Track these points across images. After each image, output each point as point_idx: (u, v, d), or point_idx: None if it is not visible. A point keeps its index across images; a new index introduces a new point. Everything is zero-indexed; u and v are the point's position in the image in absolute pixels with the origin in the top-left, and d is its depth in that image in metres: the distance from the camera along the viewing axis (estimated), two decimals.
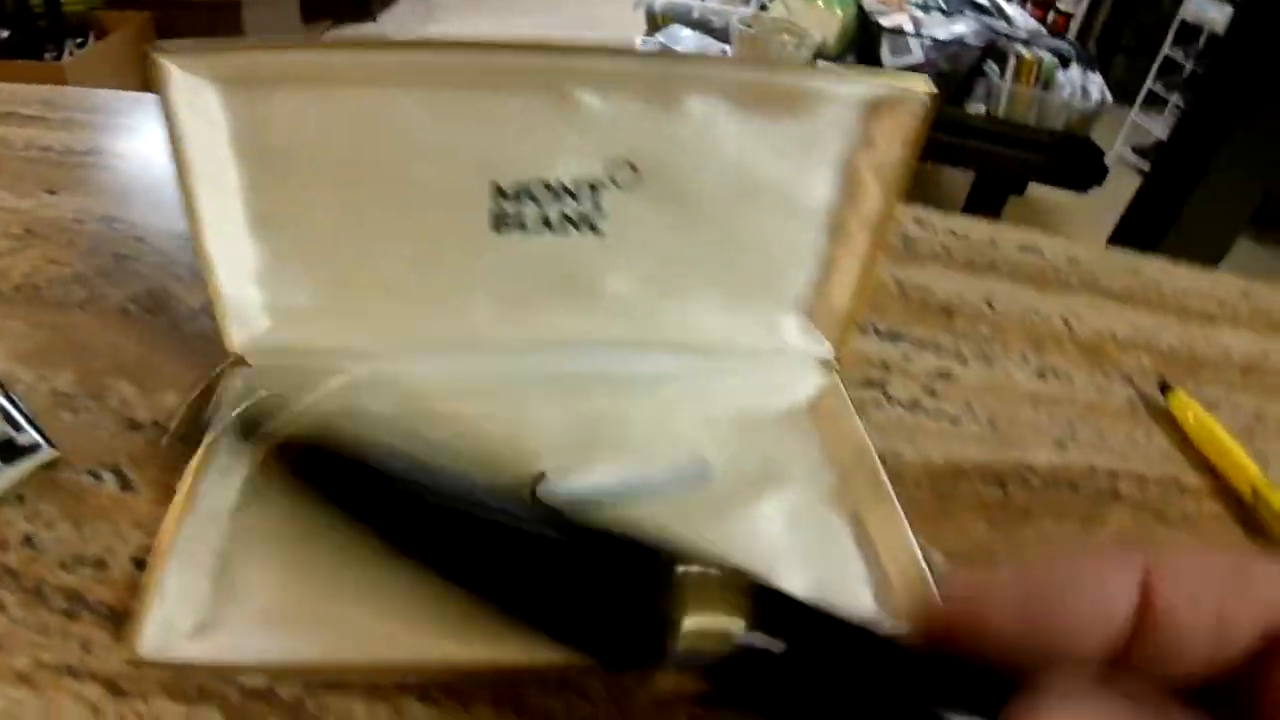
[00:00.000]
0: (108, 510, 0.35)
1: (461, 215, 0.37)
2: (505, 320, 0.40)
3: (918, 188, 0.38)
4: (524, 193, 0.37)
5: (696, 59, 0.35)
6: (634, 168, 0.37)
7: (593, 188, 0.37)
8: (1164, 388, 0.51)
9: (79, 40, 2.44)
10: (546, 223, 0.38)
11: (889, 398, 0.47)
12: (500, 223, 0.38)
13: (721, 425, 0.40)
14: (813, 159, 0.38)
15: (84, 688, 0.29)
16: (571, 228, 0.38)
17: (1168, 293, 0.62)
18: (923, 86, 0.35)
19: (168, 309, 0.46)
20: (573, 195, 0.37)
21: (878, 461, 0.39)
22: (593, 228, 0.38)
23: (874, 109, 0.36)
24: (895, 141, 0.37)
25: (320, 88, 0.33)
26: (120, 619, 0.31)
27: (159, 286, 0.48)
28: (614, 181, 0.37)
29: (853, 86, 0.35)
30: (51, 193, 0.55)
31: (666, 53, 0.36)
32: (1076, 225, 2.87)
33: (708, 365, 0.42)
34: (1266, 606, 0.16)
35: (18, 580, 0.32)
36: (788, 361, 0.43)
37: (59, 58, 2.34)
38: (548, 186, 0.37)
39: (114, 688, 0.29)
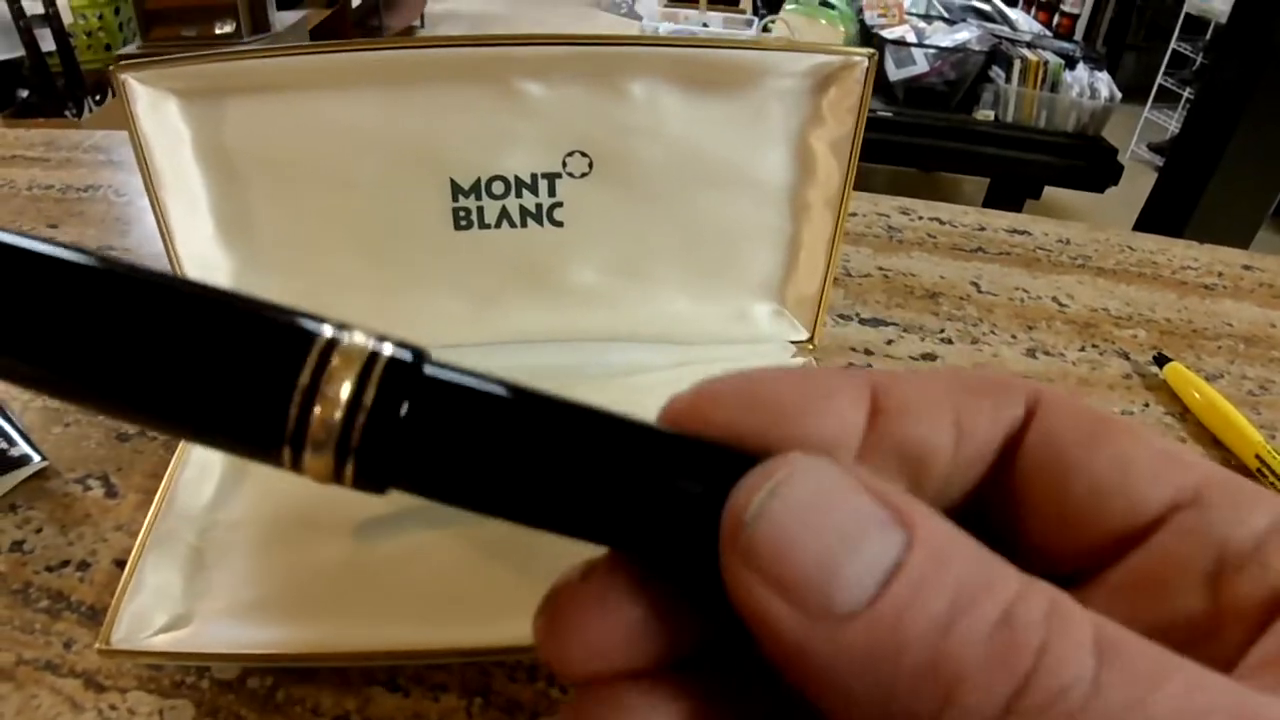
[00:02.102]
0: (93, 515, 0.36)
1: (421, 214, 0.38)
2: (473, 318, 0.41)
3: (934, 199, 0.38)
4: (481, 188, 0.38)
5: (635, 39, 0.36)
6: (586, 155, 0.37)
7: (548, 178, 0.38)
8: (1160, 360, 0.51)
9: (97, 98, 2.51)
10: (506, 217, 0.39)
11: None
12: (460, 220, 0.38)
13: None
14: (763, 136, 0.38)
15: (63, 682, 0.30)
16: (532, 221, 0.39)
17: (1164, 267, 0.62)
18: (862, 52, 0.36)
19: None
20: (530, 188, 0.38)
21: None
22: (553, 219, 0.39)
23: (819, 81, 0.37)
24: (844, 113, 0.37)
25: (273, 94, 0.35)
26: (100, 617, 0.32)
27: None
28: (568, 171, 0.38)
29: (794, 59, 0.36)
30: (53, 226, 0.57)
31: (605, 36, 0.37)
32: (1096, 225, 2.85)
33: (680, 354, 0.42)
34: (1002, 408, 0.15)
35: (5, 582, 0.33)
36: (761, 347, 0.43)
37: (79, 115, 2.42)
38: (504, 180, 0.38)
39: (92, 682, 0.30)
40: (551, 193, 0.38)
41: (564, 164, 0.38)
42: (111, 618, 0.29)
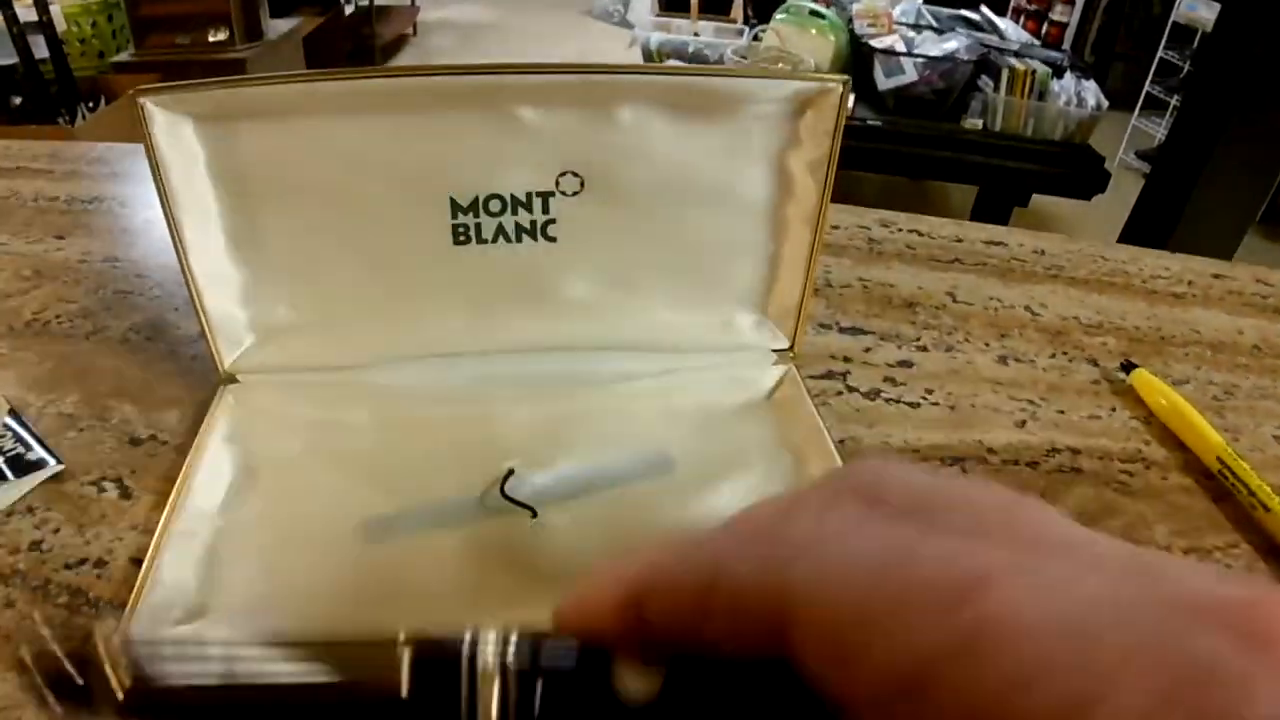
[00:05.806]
0: (109, 516, 0.38)
1: (423, 231, 0.40)
2: (472, 328, 0.43)
3: (923, 207, 0.40)
4: (479, 206, 0.40)
5: (624, 68, 0.38)
6: (578, 175, 0.40)
7: (542, 197, 0.40)
8: (1127, 366, 0.53)
9: (90, 104, 2.53)
10: (503, 233, 0.41)
11: (850, 388, 0.49)
12: (459, 236, 0.41)
13: (683, 419, 0.42)
14: (745, 158, 0.40)
15: None
16: (526, 236, 0.41)
17: (1135, 276, 0.64)
18: (837, 78, 0.38)
19: (165, 336, 0.49)
20: (525, 206, 0.40)
21: (831, 444, 0.41)
22: (546, 235, 0.41)
23: (797, 106, 0.39)
24: (820, 135, 0.39)
25: (282, 118, 0.37)
26: (118, 612, 0.34)
27: (157, 316, 0.51)
28: (561, 190, 0.40)
29: (774, 86, 0.38)
30: (59, 238, 0.59)
31: (596, 65, 0.39)
32: (1084, 233, 2.88)
33: (667, 363, 0.44)
34: (746, 625, 0.16)
35: (26, 580, 0.35)
36: (744, 355, 0.45)
37: (71, 122, 2.43)
38: (500, 198, 0.40)
39: None
40: (545, 210, 0.40)
41: (557, 183, 0.40)
42: (131, 612, 0.31)
